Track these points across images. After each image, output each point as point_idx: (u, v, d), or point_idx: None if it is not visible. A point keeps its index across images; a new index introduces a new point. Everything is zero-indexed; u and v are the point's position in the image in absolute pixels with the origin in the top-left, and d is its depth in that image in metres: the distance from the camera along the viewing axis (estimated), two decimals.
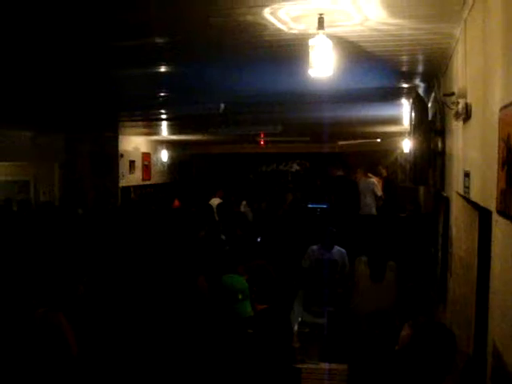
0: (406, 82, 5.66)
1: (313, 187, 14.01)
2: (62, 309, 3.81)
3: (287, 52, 3.98)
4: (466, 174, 3.09)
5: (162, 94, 6.50)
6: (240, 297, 2.89)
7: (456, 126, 3.59)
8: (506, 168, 1.89)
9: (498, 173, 2.02)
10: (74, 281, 4.66)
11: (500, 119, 2.02)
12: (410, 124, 5.53)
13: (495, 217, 2.16)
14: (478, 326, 3.36)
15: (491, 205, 2.22)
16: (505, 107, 1.94)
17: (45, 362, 3.50)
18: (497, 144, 2.05)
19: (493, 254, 2.30)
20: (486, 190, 2.41)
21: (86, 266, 5.30)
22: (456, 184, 3.71)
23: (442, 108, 4.62)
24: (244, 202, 10.58)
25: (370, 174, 11.18)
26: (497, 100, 2.11)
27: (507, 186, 1.87)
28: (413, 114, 5.14)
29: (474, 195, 2.86)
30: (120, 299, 4.85)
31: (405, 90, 6.13)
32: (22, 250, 6.14)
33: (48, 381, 3.47)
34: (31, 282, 4.40)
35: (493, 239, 2.29)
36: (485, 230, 3.42)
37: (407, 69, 4.95)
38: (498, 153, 2.02)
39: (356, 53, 4.09)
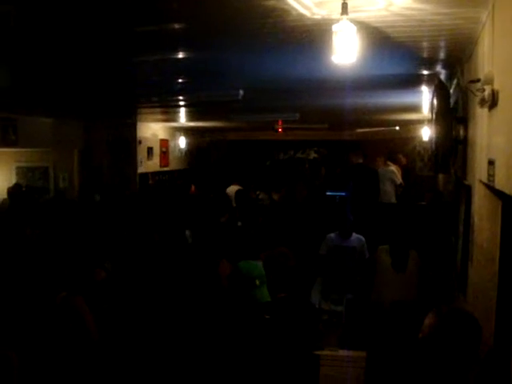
0: (428, 69, 5.58)
1: (331, 175, 13.94)
2: (82, 293, 3.86)
3: (309, 38, 3.94)
4: (491, 162, 3.04)
5: (181, 80, 6.48)
6: (257, 283, 2.90)
7: (480, 114, 3.53)
8: None
9: None
10: (94, 266, 4.73)
11: None
12: (432, 111, 5.46)
13: None
14: (499, 315, 3.34)
15: None
16: None
17: (65, 346, 3.55)
18: None
19: None
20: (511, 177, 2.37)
21: (108, 251, 5.37)
22: (479, 172, 3.66)
23: (464, 95, 4.56)
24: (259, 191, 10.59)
25: (389, 162, 11.08)
26: None
27: None
28: (435, 101, 5.07)
29: (499, 183, 2.82)
30: (141, 285, 4.90)
31: (425, 77, 6.05)
32: (42, 237, 6.21)
33: (69, 364, 3.52)
34: (52, 267, 4.46)
35: None
36: (508, 219, 3.39)
37: (429, 55, 4.87)
38: None
39: (378, 39, 4.03)
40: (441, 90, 4.82)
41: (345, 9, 2.96)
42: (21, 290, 4.17)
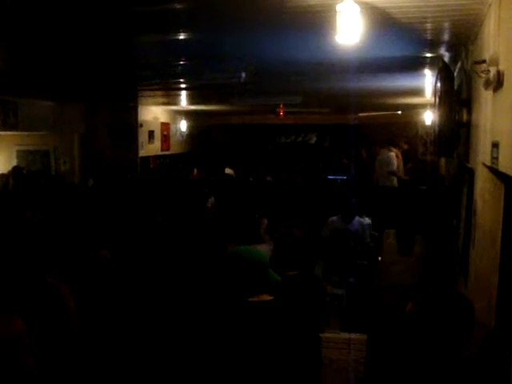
0: (431, 52, 5.53)
1: (332, 159, 13.95)
2: (85, 276, 3.86)
3: (313, 19, 3.89)
4: (495, 145, 3.02)
5: (182, 63, 6.43)
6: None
7: (485, 96, 3.50)
8: None
9: None
10: (94, 249, 4.73)
11: None
12: (435, 94, 5.42)
13: None
14: (501, 299, 3.34)
15: None
16: None
17: (44, 331, 3.51)
18: None
19: None
20: None
21: (106, 236, 5.35)
22: (482, 155, 3.64)
23: (469, 77, 4.52)
24: (269, 177, 10.58)
25: (391, 147, 11.07)
26: None
27: None
28: (438, 84, 5.03)
29: (503, 165, 2.80)
30: (144, 269, 4.91)
31: (429, 60, 5.99)
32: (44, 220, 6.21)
33: (46, 351, 3.47)
34: (51, 250, 4.44)
35: None
36: (510, 203, 3.37)
37: (434, 37, 4.82)
38: None
39: (382, 19, 3.98)
40: (445, 73, 4.77)
41: None
42: (14, 272, 4.17)
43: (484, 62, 3.24)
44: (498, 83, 2.87)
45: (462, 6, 3.68)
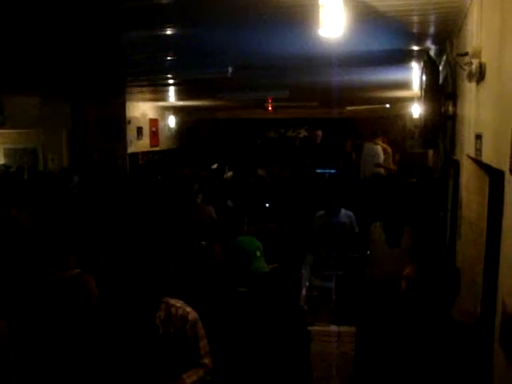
0: (417, 45, 5.54)
1: (321, 153, 13.96)
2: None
3: (296, 13, 3.89)
4: (478, 136, 3.05)
5: (169, 58, 6.41)
6: (258, 254, 2.96)
7: (469, 88, 3.53)
8: None
9: None
10: (96, 251, 4.73)
11: None
12: (421, 87, 5.45)
13: (508, 176, 2.14)
14: (486, 288, 3.38)
15: (504, 165, 2.20)
16: None
17: (69, 322, 3.56)
18: None
19: (505, 215, 2.29)
20: (499, 150, 2.38)
21: (99, 237, 5.34)
22: (467, 147, 3.67)
23: (453, 70, 4.54)
24: (260, 170, 10.60)
25: (377, 141, 11.11)
26: None
27: None
28: (424, 77, 5.06)
29: (486, 157, 2.83)
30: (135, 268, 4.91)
31: (415, 53, 6.01)
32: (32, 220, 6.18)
33: (68, 341, 3.53)
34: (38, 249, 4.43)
35: (505, 200, 2.28)
36: (495, 194, 3.41)
37: (419, 30, 4.83)
38: None
39: (367, 13, 3.98)
40: (430, 66, 4.80)
41: None
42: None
43: (467, 54, 3.26)
44: (480, 75, 2.90)
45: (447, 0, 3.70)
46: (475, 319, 3.25)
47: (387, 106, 13.79)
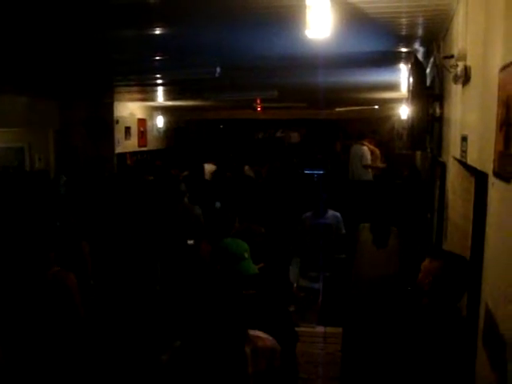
0: (405, 47, 5.57)
1: (309, 154, 14.01)
2: (71, 267, 3.88)
3: (284, 14, 3.89)
4: (464, 138, 3.07)
5: (157, 58, 6.38)
6: (246, 255, 2.92)
7: (455, 90, 3.54)
8: (504, 129, 1.87)
9: (496, 134, 2.00)
10: (75, 241, 4.72)
11: (500, 79, 1.99)
12: (408, 89, 5.48)
13: (491, 179, 2.15)
14: (471, 289, 3.40)
15: (488, 167, 2.21)
16: (505, 67, 1.91)
17: (52, 320, 3.57)
18: (496, 105, 2.02)
19: (488, 218, 2.30)
20: (483, 152, 2.39)
21: (85, 230, 5.33)
22: (453, 149, 3.69)
23: (440, 72, 4.57)
24: (247, 167, 10.61)
25: (363, 142, 11.15)
26: (497, 60, 2.08)
27: (505, 147, 1.86)
28: (411, 79, 5.08)
29: (471, 159, 2.84)
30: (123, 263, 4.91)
31: (403, 55, 6.03)
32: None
33: (55, 339, 3.54)
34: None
35: (488, 202, 2.29)
36: (480, 196, 3.43)
37: (407, 32, 4.85)
38: (497, 114, 1.99)
39: (354, 15, 3.99)
40: (417, 68, 4.83)
41: None
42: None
43: (452, 56, 3.28)
44: (465, 78, 2.91)
45: (434, 2, 3.72)
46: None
47: (376, 107, 13.84)
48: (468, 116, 2.98)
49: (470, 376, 2.41)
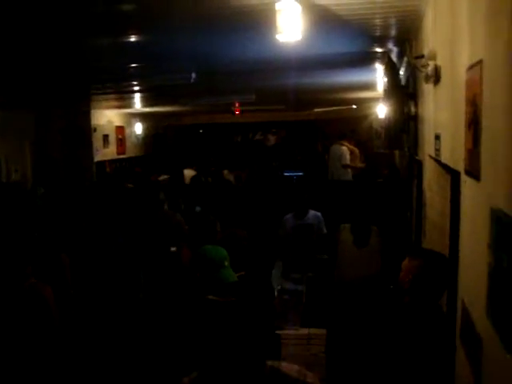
0: (380, 47, 5.61)
1: (290, 155, 14.04)
2: (50, 279, 3.84)
3: (255, 18, 3.89)
4: (437, 137, 3.10)
5: (133, 65, 6.35)
6: (226, 263, 2.90)
7: (427, 89, 3.58)
8: (472, 128, 1.89)
9: (466, 133, 2.02)
10: (55, 253, 4.67)
11: (466, 79, 2.01)
12: (384, 89, 5.52)
13: (463, 177, 2.18)
14: (450, 286, 3.43)
15: (460, 166, 2.23)
16: (470, 67, 1.93)
17: (27, 332, 3.53)
18: (464, 104, 2.04)
19: (462, 216, 2.33)
20: (455, 151, 2.41)
21: (64, 242, 5.27)
22: (428, 147, 3.73)
23: (414, 72, 4.61)
24: (226, 171, 10.60)
25: (342, 142, 11.21)
26: (463, 60, 2.10)
27: (473, 146, 1.88)
28: (385, 79, 5.13)
29: (445, 157, 2.87)
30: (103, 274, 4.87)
31: (379, 55, 6.07)
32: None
33: (29, 350, 3.50)
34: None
35: (462, 200, 2.31)
36: (456, 194, 3.46)
37: (380, 33, 4.89)
38: (466, 113, 2.02)
39: (326, 17, 4.01)
40: (390, 67, 4.87)
41: None
42: None
43: (423, 56, 3.31)
44: (436, 77, 2.94)
45: (404, 3, 3.75)
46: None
47: (354, 106, 13.92)
48: (440, 115, 3.01)
49: (450, 373, 2.43)
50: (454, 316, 2.51)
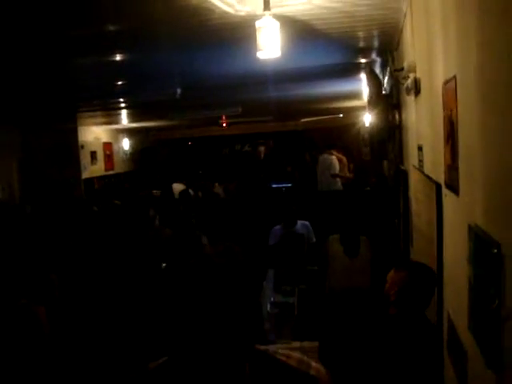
0: (363, 57, 5.66)
1: (278, 166, 14.05)
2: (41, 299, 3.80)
3: (237, 35, 3.92)
4: (420, 148, 3.12)
5: (119, 83, 6.37)
6: None
7: (410, 100, 3.61)
8: (450, 142, 1.91)
9: (445, 148, 2.04)
10: (44, 273, 4.63)
11: (443, 94, 2.03)
12: (367, 99, 5.57)
13: (444, 191, 2.19)
14: (439, 298, 3.44)
15: (441, 178, 2.25)
16: (446, 82, 1.96)
17: (20, 353, 3.49)
18: (442, 119, 2.06)
19: (444, 227, 2.34)
20: (436, 163, 2.43)
21: (52, 261, 5.24)
22: (412, 157, 3.75)
23: (396, 83, 4.66)
24: (216, 184, 10.60)
25: (331, 151, 11.21)
26: (440, 75, 2.13)
27: (452, 161, 1.89)
28: (368, 89, 5.17)
29: (427, 169, 2.89)
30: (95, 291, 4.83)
31: (363, 65, 6.12)
32: None
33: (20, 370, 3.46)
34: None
35: (444, 212, 2.33)
36: (441, 204, 3.48)
37: (362, 44, 4.94)
38: (444, 127, 2.04)
39: (307, 31, 4.05)
40: (372, 78, 4.92)
41: (267, 4, 2.96)
42: None
43: (402, 69, 3.35)
44: (416, 89, 2.97)
45: (382, 16, 3.80)
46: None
47: (340, 115, 14.00)
48: (421, 126, 3.04)
49: None
50: (441, 327, 2.52)
